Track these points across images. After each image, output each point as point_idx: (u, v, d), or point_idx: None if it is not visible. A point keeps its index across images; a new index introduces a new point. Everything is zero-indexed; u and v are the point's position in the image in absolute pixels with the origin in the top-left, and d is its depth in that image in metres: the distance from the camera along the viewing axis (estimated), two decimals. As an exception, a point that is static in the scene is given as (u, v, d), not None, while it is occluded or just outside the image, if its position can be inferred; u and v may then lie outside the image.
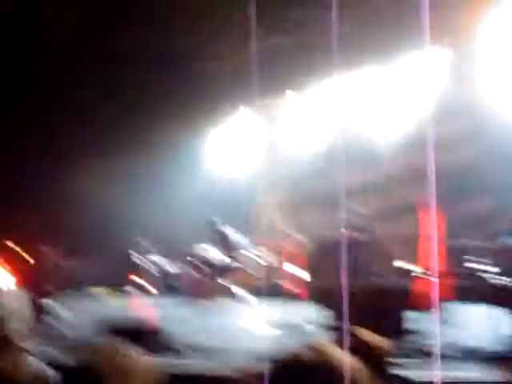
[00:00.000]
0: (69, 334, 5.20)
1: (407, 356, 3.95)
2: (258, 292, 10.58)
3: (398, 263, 9.40)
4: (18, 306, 2.19)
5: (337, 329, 1.89)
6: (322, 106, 11.88)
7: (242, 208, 11.88)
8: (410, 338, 4.74)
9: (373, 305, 4.64)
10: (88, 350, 1.41)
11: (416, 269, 6.13)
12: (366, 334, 1.93)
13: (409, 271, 7.73)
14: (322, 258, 8.42)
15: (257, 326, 6.16)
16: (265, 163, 13.51)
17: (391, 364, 1.92)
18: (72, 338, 4.45)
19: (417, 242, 6.87)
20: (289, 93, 12.59)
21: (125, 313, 8.18)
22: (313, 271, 9.11)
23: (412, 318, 5.17)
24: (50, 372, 1.99)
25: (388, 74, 10.76)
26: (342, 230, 10.06)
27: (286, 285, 9.23)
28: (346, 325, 1.87)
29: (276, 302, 9.14)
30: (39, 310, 7.19)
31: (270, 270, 11.25)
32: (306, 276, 9.36)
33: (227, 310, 8.82)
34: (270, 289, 10.65)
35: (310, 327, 5.54)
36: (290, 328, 5.61)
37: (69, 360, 1.41)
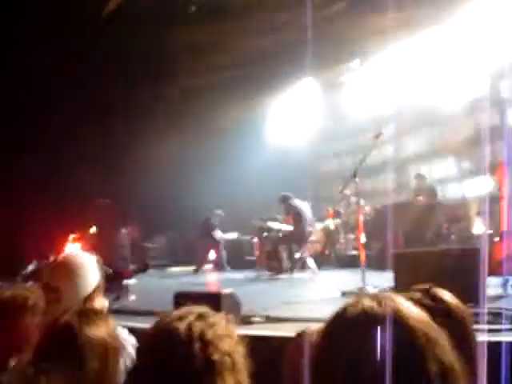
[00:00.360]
0: (149, 309, 5.39)
1: (489, 321, 3.87)
2: (329, 262, 10.64)
3: (472, 226, 9.16)
4: (101, 283, 2.34)
5: (409, 289, 1.77)
6: (386, 72, 11.59)
7: (307, 176, 11.88)
8: (492, 303, 4.62)
9: (448, 269, 4.56)
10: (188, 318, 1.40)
11: (491, 232, 5.95)
12: (447, 295, 1.78)
13: (484, 234, 7.53)
14: (391, 223, 8.33)
15: (328, 294, 6.19)
16: (328, 131, 13.43)
17: (474, 329, 1.78)
18: (152, 311, 4.62)
19: (488, 205, 6.66)
20: (353, 60, 12.36)
21: (202, 288, 8.42)
22: (382, 237, 9.03)
23: (491, 284, 5.04)
24: (135, 342, 2.11)
25: (453, 29, 10.24)
26: (412, 196, 9.94)
27: (357, 253, 9.21)
28: (419, 286, 1.78)
29: (347, 270, 9.17)
30: (119, 288, 7.53)
31: (340, 239, 11.26)
32: (375, 242, 9.30)
33: (300, 280, 8.92)
34: (341, 258, 10.69)
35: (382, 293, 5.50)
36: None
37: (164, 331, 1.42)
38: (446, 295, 1.73)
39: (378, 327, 0.98)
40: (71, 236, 11.02)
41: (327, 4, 9.63)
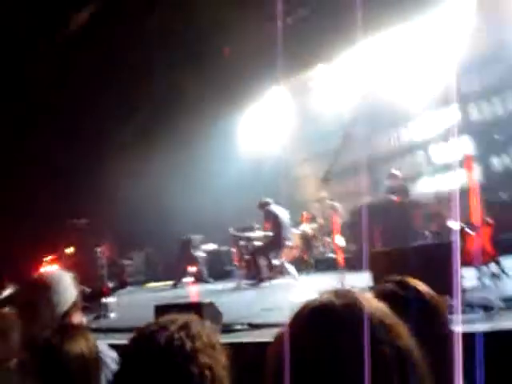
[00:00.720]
0: (130, 326, 5.35)
1: (462, 311, 3.95)
2: (308, 266, 10.67)
3: (443, 221, 9.30)
4: (78, 299, 2.33)
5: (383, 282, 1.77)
6: (352, 74, 11.74)
7: (281, 183, 11.94)
8: (465, 293, 4.70)
9: (424, 265, 4.62)
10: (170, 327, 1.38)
11: (463, 225, 6.06)
12: (420, 285, 1.74)
13: (456, 228, 7.65)
14: (366, 223, 8.41)
15: (309, 299, 6.20)
16: (299, 136, 13.52)
17: (448, 317, 1.79)
18: (133, 328, 4.59)
19: (458, 198, 6.78)
20: (319, 64, 12.51)
21: (182, 300, 8.37)
22: (359, 238, 9.11)
23: (465, 274, 5.13)
24: (116, 356, 2.11)
25: (417, 29, 10.45)
26: (382, 195, 10.06)
27: (334, 255, 9.28)
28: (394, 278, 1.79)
29: (326, 273, 9.21)
30: (99, 306, 7.46)
31: (317, 242, 11.32)
32: (353, 244, 9.37)
33: (279, 286, 8.93)
34: (320, 262, 10.73)
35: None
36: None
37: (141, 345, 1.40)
38: (419, 284, 1.75)
39: (335, 316, 1.01)
40: (48, 258, 10.88)
41: (291, 11, 9.75)
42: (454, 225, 8.72)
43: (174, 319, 1.44)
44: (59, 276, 2.30)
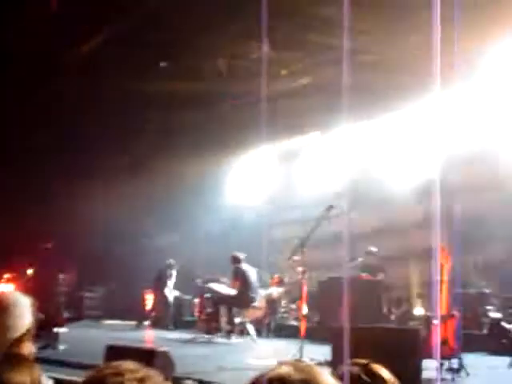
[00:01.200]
0: (78, 361, 5.17)
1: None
2: (268, 330, 10.51)
3: (412, 308, 9.30)
4: (32, 327, 2.23)
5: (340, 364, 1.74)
6: (341, 148, 11.95)
7: (257, 241, 11.95)
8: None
9: (387, 348, 4.57)
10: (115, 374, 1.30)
11: (431, 315, 6.05)
12: (384, 372, 1.72)
13: (424, 317, 7.65)
14: (333, 296, 8.36)
15: (265, 363, 6.07)
16: (281, 200, 13.58)
17: None
18: (81, 364, 4.43)
19: (429, 288, 6.80)
20: (311, 133, 12.73)
21: (136, 343, 8.14)
22: (324, 310, 9.03)
23: (426, 366, 5.06)
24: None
25: (406, 117, 10.78)
26: (355, 271, 10.05)
27: (297, 323, 9.16)
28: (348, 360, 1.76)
29: (286, 339, 9.07)
30: (50, 335, 7.21)
31: (281, 307, 11.19)
32: (317, 314, 9.28)
33: (237, 346, 8.76)
34: (281, 327, 10.58)
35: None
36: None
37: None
38: (384, 372, 1.73)
39: None
40: (5, 276, 10.60)
41: (293, 77, 9.95)
42: (421, 313, 8.73)
43: (134, 369, 1.35)
44: (17, 299, 2.20)
